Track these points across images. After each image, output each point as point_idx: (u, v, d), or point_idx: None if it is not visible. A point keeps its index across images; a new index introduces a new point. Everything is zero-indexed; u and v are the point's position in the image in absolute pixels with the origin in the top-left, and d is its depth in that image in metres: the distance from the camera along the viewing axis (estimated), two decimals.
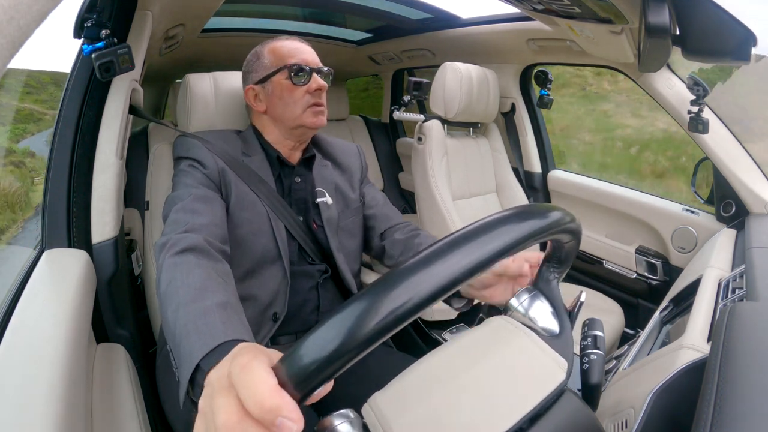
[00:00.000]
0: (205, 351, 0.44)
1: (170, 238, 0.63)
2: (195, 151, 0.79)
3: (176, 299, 0.52)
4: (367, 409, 0.36)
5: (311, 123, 0.83)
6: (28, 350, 0.53)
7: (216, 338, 0.45)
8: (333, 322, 0.26)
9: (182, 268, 0.57)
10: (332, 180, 0.90)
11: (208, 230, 0.67)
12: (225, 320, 0.48)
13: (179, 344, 0.47)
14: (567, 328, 0.45)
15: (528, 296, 0.46)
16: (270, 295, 0.78)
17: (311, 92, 0.82)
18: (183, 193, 0.73)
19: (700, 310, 0.73)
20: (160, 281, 0.57)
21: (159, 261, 0.61)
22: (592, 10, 0.94)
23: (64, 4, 0.25)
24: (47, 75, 1.92)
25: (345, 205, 0.91)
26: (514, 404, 0.36)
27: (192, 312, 0.49)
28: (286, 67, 0.81)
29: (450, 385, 0.37)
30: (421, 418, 0.35)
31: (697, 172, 1.38)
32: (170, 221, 0.68)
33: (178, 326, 0.49)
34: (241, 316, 0.53)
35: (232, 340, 0.45)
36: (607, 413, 0.58)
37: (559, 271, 0.47)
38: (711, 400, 0.38)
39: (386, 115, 2.45)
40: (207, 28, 1.42)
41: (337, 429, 0.33)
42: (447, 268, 0.27)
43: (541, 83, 1.68)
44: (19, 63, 0.95)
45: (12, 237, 1.68)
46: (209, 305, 0.50)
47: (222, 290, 0.55)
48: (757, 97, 2.87)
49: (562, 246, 0.43)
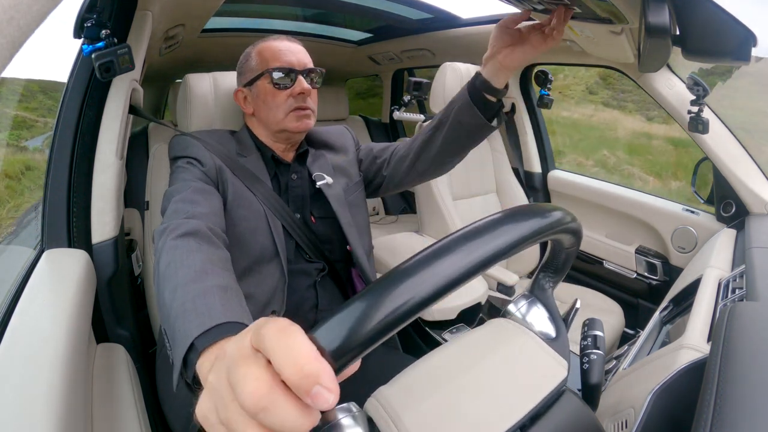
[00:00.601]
0: (202, 329, 0.41)
1: (171, 224, 0.61)
2: (192, 149, 0.79)
3: (174, 280, 0.50)
4: (373, 402, 0.36)
5: (294, 127, 0.82)
6: (28, 350, 0.53)
7: (214, 318, 0.42)
8: (368, 297, 0.26)
9: (182, 250, 0.55)
10: (329, 163, 0.91)
11: (209, 218, 0.67)
12: (225, 302, 0.46)
13: (174, 324, 0.45)
14: (563, 333, 0.46)
15: (525, 302, 0.48)
16: (268, 294, 0.78)
17: (295, 96, 0.81)
18: (182, 186, 0.73)
19: (700, 310, 0.73)
20: (159, 263, 0.55)
21: (158, 245, 0.59)
22: (592, 10, 0.93)
23: (64, 4, 0.25)
24: (36, 83, 1.95)
25: (348, 180, 0.92)
26: (518, 401, 0.36)
27: (190, 292, 0.47)
28: (269, 71, 0.80)
29: (453, 383, 0.37)
30: (428, 412, 0.35)
31: (697, 172, 1.38)
32: (170, 211, 0.67)
33: (174, 306, 0.47)
34: (241, 301, 0.51)
35: (231, 322, 0.43)
36: (607, 413, 0.58)
37: (554, 280, 0.49)
38: (711, 400, 0.38)
39: (386, 115, 2.45)
40: (207, 28, 1.42)
41: (340, 422, 0.33)
42: (478, 246, 0.29)
43: (541, 83, 1.68)
44: (11, 72, 0.94)
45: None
46: (209, 286, 0.48)
47: (223, 274, 0.53)
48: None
49: (562, 250, 0.43)
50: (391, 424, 0.34)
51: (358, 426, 0.34)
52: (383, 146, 0.96)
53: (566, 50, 1.47)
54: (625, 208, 1.54)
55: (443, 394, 0.36)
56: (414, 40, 1.91)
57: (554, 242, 0.42)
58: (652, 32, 0.75)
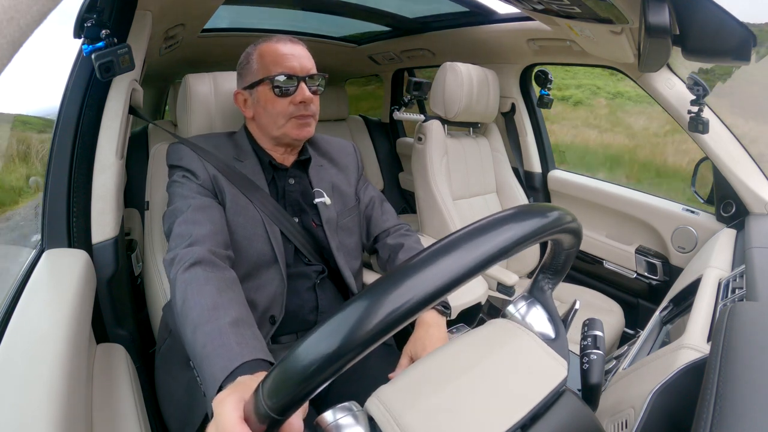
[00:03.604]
0: (225, 374, 0.50)
1: (177, 254, 0.67)
2: (186, 160, 0.79)
3: (191, 320, 0.58)
4: (373, 401, 0.36)
5: (295, 135, 0.81)
6: (28, 350, 0.53)
7: (233, 361, 0.51)
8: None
9: (193, 286, 0.62)
10: (329, 179, 0.90)
11: (212, 240, 0.70)
12: (239, 340, 0.55)
13: (201, 364, 0.54)
14: (562, 333, 0.47)
15: (525, 303, 0.48)
16: (267, 300, 0.78)
17: (296, 103, 0.79)
18: (182, 205, 0.74)
19: (700, 310, 0.73)
20: (176, 298, 0.63)
21: (171, 276, 0.66)
22: (592, 10, 0.94)
23: (64, 4, 0.25)
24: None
25: (343, 204, 0.91)
26: (518, 400, 0.36)
27: (208, 333, 0.56)
28: (270, 78, 0.78)
29: (454, 383, 0.37)
30: (429, 411, 0.35)
31: (697, 172, 1.38)
32: (174, 235, 0.71)
33: (197, 347, 0.55)
34: (253, 329, 0.59)
35: (246, 362, 0.52)
36: (607, 413, 0.58)
37: (553, 281, 0.49)
38: (711, 400, 0.38)
39: (386, 115, 2.45)
40: (207, 28, 1.42)
41: (339, 423, 0.33)
42: (476, 247, 0.28)
43: (541, 83, 1.68)
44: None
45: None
46: (222, 325, 0.56)
47: (232, 305, 0.60)
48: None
49: (561, 251, 0.43)
50: (393, 423, 0.34)
51: (359, 425, 0.34)
52: (377, 219, 0.96)
53: (566, 50, 1.47)
54: (625, 208, 1.54)
55: (444, 394, 0.36)
56: (414, 40, 1.91)
57: (554, 243, 0.42)
58: (652, 32, 0.75)
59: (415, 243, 0.90)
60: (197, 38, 1.46)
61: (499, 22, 1.57)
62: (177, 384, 0.76)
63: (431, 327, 0.73)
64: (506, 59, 1.72)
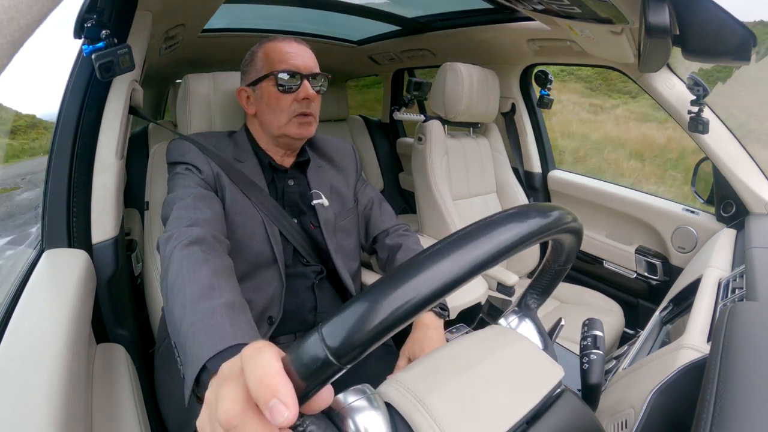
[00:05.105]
0: (213, 352, 0.44)
1: (176, 232, 0.63)
2: (191, 156, 0.79)
3: (183, 296, 0.53)
4: (392, 384, 0.35)
5: (296, 134, 0.81)
6: (28, 350, 0.53)
7: (224, 340, 0.46)
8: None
9: (190, 263, 0.57)
10: (328, 181, 0.90)
11: (212, 225, 0.68)
12: (233, 322, 0.49)
13: (185, 342, 0.48)
14: (549, 346, 0.50)
15: (516, 317, 0.51)
16: (265, 300, 0.78)
17: (299, 101, 0.80)
18: (183, 193, 0.73)
19: (700, 310, 0.73)
20: (168, 273, 0.57)
21: (166, 253, 0.61)
22: (592, 11, 0.94)
23: (64, 4, 0.25)
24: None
25: (341, 205, 0.91)
26: (521, 397, 0.36)
27: (200, 311, 0.50)
28: (274, 74, 0.79)
29: (458, 377, 0.37)
30: (452, 396, 0.34)
31: (697, 171, 1.38)
32: (173, 218, 0.68)
33: (184, 324, 0.50)
34: (247, 316, 0.54)
35: (239, 344, 0.46)
36: (607, 413, 0.58)
37: (539, 300, 0.51)
38: (711, 400, 0.38)
39: (386, 115, 2.45)
40: (207, 28, 1.42)
41: (353, 405, 0.31)
42: (474, 249, 0.28)
43: (541, 83, 1.68)
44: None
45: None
46: (217, 305, 0.51)
47: (229, 289, 0.56)
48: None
49: (562, 252, 0.43)
50: (417, 404, 0.33)
51: (374, 408, 0.32)
52: (376, 220, 0.96)
53: (566, 50, 1.47)
54: (625, 208, 1.54)
55: (454, 385, 0.36)
56: (414, 40, 1.91)
57: (555, 243, 0.42)
58: (652, 32, 0.75)
59: (414, 243, 0.90)
60: (197, 38, 1.46)
61: (499, 22, 1.58)
62: (177, 384, 0.76)
63: (429, 329, 0.73)
64: (506, 59, 1.72)
